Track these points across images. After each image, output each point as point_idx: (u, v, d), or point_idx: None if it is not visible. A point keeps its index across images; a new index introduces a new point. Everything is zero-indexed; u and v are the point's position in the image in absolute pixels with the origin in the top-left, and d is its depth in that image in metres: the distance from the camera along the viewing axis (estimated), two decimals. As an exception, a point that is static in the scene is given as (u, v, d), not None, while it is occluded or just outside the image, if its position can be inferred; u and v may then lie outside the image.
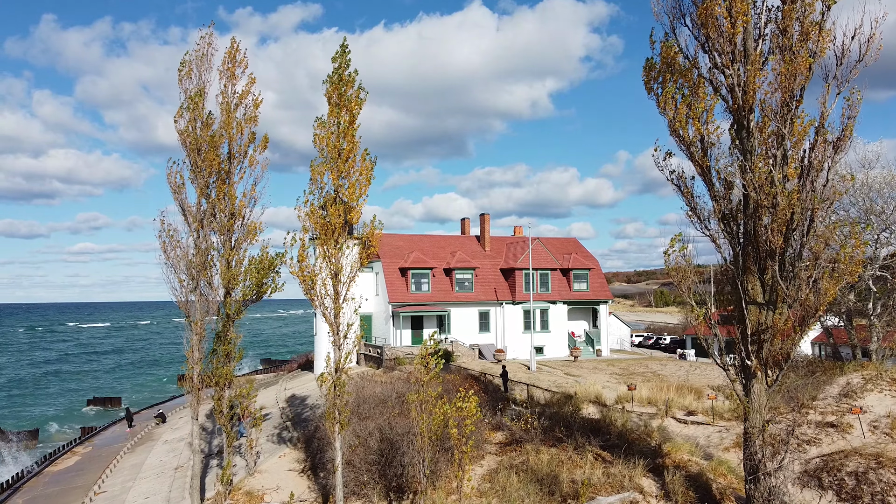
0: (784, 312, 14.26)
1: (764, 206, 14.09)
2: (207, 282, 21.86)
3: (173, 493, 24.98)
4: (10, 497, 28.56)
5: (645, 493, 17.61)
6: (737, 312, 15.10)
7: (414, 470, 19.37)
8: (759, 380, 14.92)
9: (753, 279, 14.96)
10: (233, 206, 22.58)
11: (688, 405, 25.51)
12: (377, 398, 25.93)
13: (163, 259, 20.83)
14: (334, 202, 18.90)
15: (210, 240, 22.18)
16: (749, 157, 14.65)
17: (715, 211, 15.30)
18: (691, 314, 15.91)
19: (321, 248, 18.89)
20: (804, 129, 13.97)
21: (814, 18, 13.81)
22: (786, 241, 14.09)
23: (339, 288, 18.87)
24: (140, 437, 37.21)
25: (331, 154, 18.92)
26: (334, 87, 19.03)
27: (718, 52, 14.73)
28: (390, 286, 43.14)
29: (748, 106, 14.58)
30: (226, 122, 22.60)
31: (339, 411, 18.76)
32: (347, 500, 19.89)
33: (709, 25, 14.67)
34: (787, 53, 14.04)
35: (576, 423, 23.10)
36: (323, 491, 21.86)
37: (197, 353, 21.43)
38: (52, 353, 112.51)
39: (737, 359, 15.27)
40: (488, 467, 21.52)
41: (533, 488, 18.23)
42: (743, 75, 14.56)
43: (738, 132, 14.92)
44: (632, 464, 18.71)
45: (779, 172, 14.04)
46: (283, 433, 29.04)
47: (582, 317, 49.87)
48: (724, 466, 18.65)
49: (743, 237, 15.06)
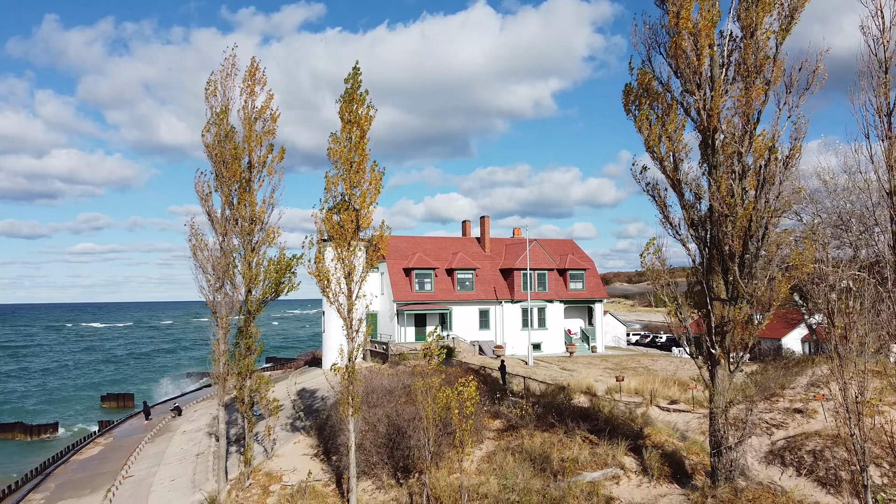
0: (743, 308, 16.34)
1: (725, 215, 16.17)
2: (230, 281, 23.97)
3: (197, 475, 27.12)
4: (43, 482, 30.73)
5: (626, 469, 19.70)
6: (703, 308, 17.18)
7: (419, 452, 21.45)
8: (722, 366, 17.01)
9: (718, 278, 17.04)
10: (253, 212, 24.71)
11: (671, 395, 27.59)
12: (384, 389, 28.00)
13: (192, 261, 22.95)
14: (347, 209, 21.01)
15: (233, 243, 24.30)
16: (714, 172, 16.73)
17: (685, 218, 17.39)
18: (664, 311, 17.98)
19: (335, 250, 20.99)
20: (762, 147, 16.05)
21: (768, 52, 15.89)
22: (744, 245, 16.17)
23: (352, 286, 20.98)
24: (158, 429, 39.33)
25: (343, 166, 21.02)
26: (346, 105, 21.14)
27: (687, 79, 16.81)
28: (395, 285, 45.25)
29: (713, 126, 16.65)
30: (247, 135, 24.73)
31: (352, 397, 20.88)
32: (359, 478, 21.98)
33: (678, 56, 16.76)
34: (746, 81, 16.15)
35: (567, 410, 25.16)
36: (336, 472, 23.97)
37: (223, 345, 23.56)
38: (98, 353, 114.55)
39: (703, 349, 17.36)
40: (487, 450, 23.61)
41: (526, 466, 20.31)
42: (708, 100, 16.65)
43: (705, 149, 17.00)
44: (615, 445, 20.79)
45: (738, 186, 16.12)
46: (295, 422, 31.18)
47: (578, 315, 51.95)
48: (697, 446, 20.75)
49: (709, 242, 17.14)
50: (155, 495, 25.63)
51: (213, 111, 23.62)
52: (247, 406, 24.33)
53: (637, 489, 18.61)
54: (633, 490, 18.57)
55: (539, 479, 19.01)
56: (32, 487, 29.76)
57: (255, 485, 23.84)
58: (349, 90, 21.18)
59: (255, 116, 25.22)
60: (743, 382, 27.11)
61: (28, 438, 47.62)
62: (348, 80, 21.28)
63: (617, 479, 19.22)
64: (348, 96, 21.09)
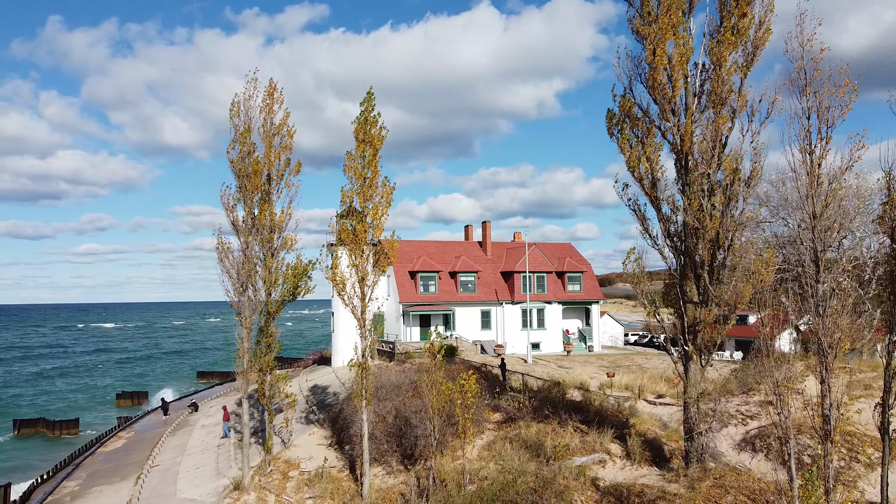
0: (713, 310, 18.54)
1: (696, 228, 18.37)
2: (252, 285, 26.22)
3: (220, 463, 29.39)
4: (74, 472, 33.03)
5: (611, 454, 21.91)
6: (678, 309, 19.38)
7: (425, 441, 23.65)
8: (694, 362, 19.21)
9: (691, 283, 19.23)
10: (272, 221, 26.93)
11: (659, 390, 29.76)
12: (392, 384, 30.21)
13: (219, 267, 25.23)
14: (361, 220, 23.25)
15: (254, 250, 26.54)
16: (687, 189, 18.92)
17: (662, 230, 19.58)
18: (644, 311, 20.18)
19: (350, 257, 23.23)
20: (728, 169, 18.25)
21: (732, 86, 18.09)
22: (713, 255, 18.38)
23: (365, 290, 23.22)
24: (178, 423, 41.63)
25: (358, 181, 23.28)
26: (361, 127, 23.39)
27: (663, 108, 19.01)
28: (401, 287, 47.50)
29: (686, 149, 18.84)
30: (267, 150, 26.96)
31: (365, 390, 23.12)
32: (371, 464, 24.19)
33: (655, 87, 18.95)
34: (714, 110, 18.36)
35: (561, 404, 27.34)
36: (349, 459, 26.21)
37: (246, 343, 25.83)
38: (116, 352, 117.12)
39: (678, 346, 19.56)
40: (487, 440, 25.82)
41: (523, 452, 22.50)
42: (682, 126, 18.84)
43: (679, 169, 19.19)
44: (603, 433, 22.98)
45: (708, 202, 18.32)
46: (309, 416, 33.43)
47: (575, 316, 54.11)
48: (676, 434, 22.91)
49: (683, 251, 19.33)
50: (183, 481, 27.91)
51: (237, 130, 25.85)
52: (268, 399, 26.57)
53: (620, 471, 20.82)
54: (617, 472, 20.79)
55: (533, 463, 21.19)
56: (65, 476, 32.06)
57: (276, 471, 26.09)
58: (364, 112, 23.43)
59: (274, 132, 27.43)
60: (725, 378, 29.29)
61: (50, 434, 49.95)
62: (363, 104, 23.53)
63: (603, 463, 21.43)
64: (363, 118, 23.34)
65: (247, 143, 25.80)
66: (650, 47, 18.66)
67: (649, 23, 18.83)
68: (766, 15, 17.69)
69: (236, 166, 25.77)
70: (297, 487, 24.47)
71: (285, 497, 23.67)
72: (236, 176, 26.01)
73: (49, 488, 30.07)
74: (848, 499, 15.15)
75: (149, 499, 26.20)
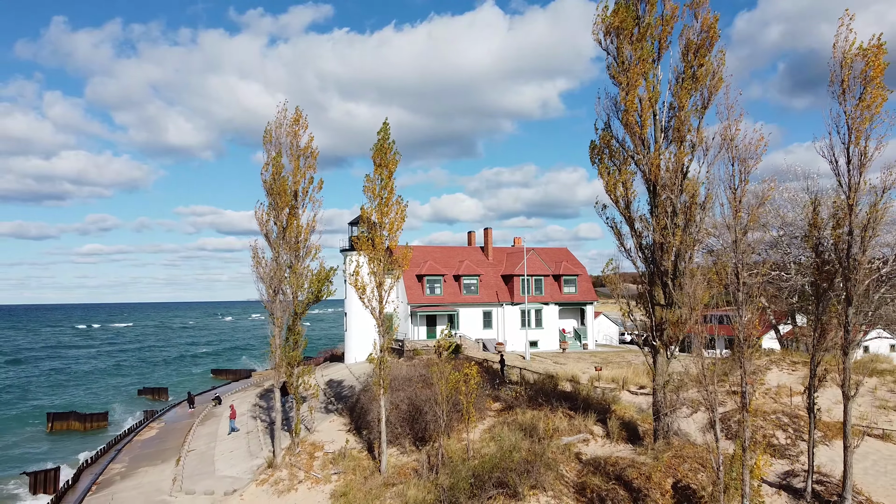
0: (676, 311, 22.20)
1: (661, 243, 22.03)
2: (282, 290, 29.96)
3: (252, 447, 33.13)
4: (118, 455, 36.78)
5: (594, 434, 25.59)
6: (648, 310, 23.03)
7: (434, 425, 27.32)
8: (661, 354, 22.87)
9: (658, 289, 22.89)
10: (299, 233, 30.64)
11: (641, 382, 33.41)
12: (404, 377, 33.90)
13: (255, 274, 28.98)
14: (378, 234, 26.94)
15: (283, 258, 30.26)
16: (655, 211, 22.57)
17: (635, 244, 23.24)
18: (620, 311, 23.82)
19: (369, 266, 26.90)
20: (687, 194, 21.89)
21: (692, 124, 21.75)
22: (675, 265, 22.04)
23: (382, 294, 26.92)
24: (204, 415, 45.38)
25: (375, 200, 26.98)
26: (377, 152, 27.07)
27: (635, 142, 22.66)
28: (409, 290, 51.22)
29: (654, 177, 22.49)
30: (294, 170, 30.66)
31: (382, 380, 26.82)
32: (387, 445, 27.84)
33: (628, 124, 22.62)
34: (676, 144, 22.02)
35: (553, 394, 31.02)
36: (367, 442, 29.91)
37: (278, 339, 29.58)
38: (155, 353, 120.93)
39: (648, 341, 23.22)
40: (488, 425, 29.48)
41: (518, 434, 26.16)
42: (651, 157, 22.49)
43: (649, 194, 22.85)
44: (588, 417, 26.66)
45: (671, 222, 21.97)
46: (328, 406, 37.15)
47: (571, 316, 57.78)
48: (650, 417, 26.55)
49: (652, 261, 22.98)
50: (220, 462, 31.65)
51: (270, 155, 29.58)
52: (295, 388, 30.30)
53: (601, 448, 24.50)
54: (598, 448, 24.47)
55: (527, 442, 24.85)
56: (110, 460, 35.81)
57: (303, 452, 29.81)
58: (381, 140, 27.12)
59: (300, 154, 31.15)
60: (699, 371, 32.87)
61: (82, 427, 53.62)
62: (379, 133, 27.23)
63: (587, 441, 25.11)
64: (379, 145, 27.03)
65: (278, 165, 29.50)
66: (623, 92, 22.33)
67: (624, 71, 22.49)
68: (718, 68, 21.32)
69: (268, 186, 29.49)
70: (323, 465, 28.16)
71: (313, 473, 27.37)
72: (268, 194, 29.73)
73: (98, 470, 33.81)
74: (759, 456, 18.77)
75: (191, 476, 29.93)
